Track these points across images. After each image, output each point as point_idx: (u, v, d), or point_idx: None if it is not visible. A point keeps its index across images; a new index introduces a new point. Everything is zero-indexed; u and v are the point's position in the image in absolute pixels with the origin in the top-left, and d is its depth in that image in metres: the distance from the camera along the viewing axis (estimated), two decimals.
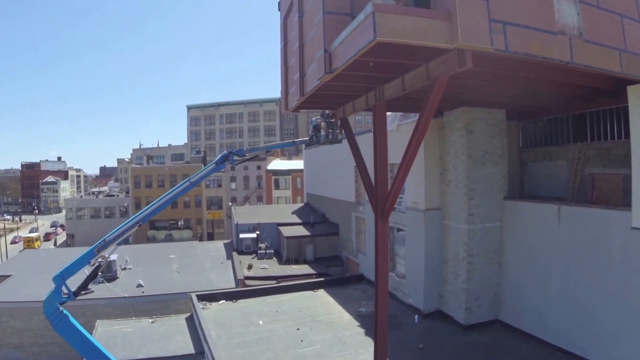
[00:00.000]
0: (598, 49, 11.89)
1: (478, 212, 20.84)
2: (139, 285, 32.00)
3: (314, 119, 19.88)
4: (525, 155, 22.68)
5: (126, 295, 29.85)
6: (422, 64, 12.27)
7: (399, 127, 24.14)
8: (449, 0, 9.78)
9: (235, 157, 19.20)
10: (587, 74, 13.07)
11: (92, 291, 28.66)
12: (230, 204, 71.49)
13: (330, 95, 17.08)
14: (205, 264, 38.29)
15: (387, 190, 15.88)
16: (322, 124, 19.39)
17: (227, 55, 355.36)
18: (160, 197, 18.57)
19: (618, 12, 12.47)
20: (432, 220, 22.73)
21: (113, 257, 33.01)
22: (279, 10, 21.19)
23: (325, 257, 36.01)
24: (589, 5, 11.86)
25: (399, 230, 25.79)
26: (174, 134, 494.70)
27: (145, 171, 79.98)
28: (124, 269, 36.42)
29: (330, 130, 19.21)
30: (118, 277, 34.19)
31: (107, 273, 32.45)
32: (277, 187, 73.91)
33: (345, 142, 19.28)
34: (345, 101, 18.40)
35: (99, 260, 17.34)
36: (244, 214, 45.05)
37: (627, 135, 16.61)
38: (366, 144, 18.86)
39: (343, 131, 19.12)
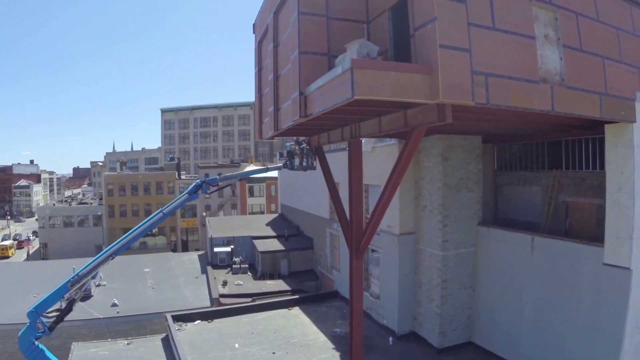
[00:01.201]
0: (579, 95, 11.59)
1: (452, 238, 20.45)
2: (114, 305, 30.92)
3: (287, 144, 19.28)
4: (500, 179, 22.30)
5: (101, 317, 28.80)
6: (400, 110, 11.72)
7: (374, 149, 23.63)
8: (430, 53, 9.24)
9: (209, 187, 18.58)
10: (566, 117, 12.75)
11: None
12: (204, 213, 70.04)
13: (305, 128, 16.45)
14: (179, 278, 37.24)
15: (362, 228, 15.32)
16: (297, 150, 18.80)
17: (202, 58, 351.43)
18: (132, 230, 18.32)
19: (600, 54, 12.24)
20: (406, 245, 22.24)
21: None
22: (253, 32, 20.48)
23: (299, 272, 35.32)
24: (572, 49, 11.57)
25: (373, 251, 25.27)
26: (148, 134, 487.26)
27: (118, 179, 77.77)
28: (98, 285, 35.13)
29: (304, 157, 18.65)
30: (92, 296, 32.93)
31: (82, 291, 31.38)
32: (252, 194, 72.31)
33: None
34: (321, 132, 17.80)
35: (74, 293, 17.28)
36: (218, 227, 43.93)
37: (602, 166, 16.51)
38: (341, 163, 18.34)
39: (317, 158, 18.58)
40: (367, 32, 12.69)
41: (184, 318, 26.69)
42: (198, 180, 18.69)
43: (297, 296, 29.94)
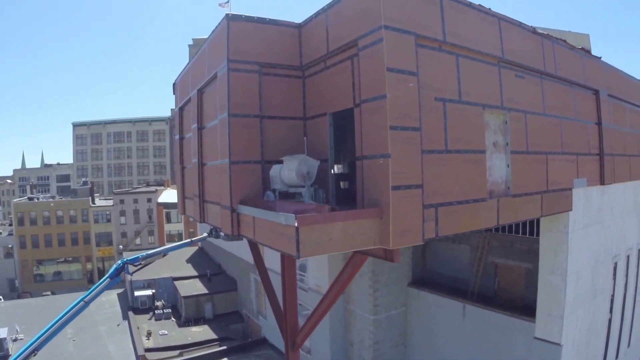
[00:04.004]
0: (522, 201, 11.10)
1: (383, 302, 19.58)
2: None
3: None
4: None
5: None
6: None
7: None
8: (381, 194, 8.05)
9: (131, 267, 16.60)
10: None
11: None
12: (121, 246, 64.99)
13: None
14: (100, 326, 33.89)
15: (297, 327, 13.96)
16: None
17: (117, 67, 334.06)
18: (54, 321, 16.28)
19: (544, 151, 11.90)
20: (336, 305, 21.02)
21: (3, 332, 28.33)
22: (173, 93, 18.62)
23: (225, 314, 33.17)
24: (519, 153, 11.01)
25: (300, 304, 23.91)
26: (60, 144, 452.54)
27: (29, 207, 70.60)
28: (15, 340, 31.11)
29: None
30: (10, 355, 29.05)
31: None
32: (169, 220, 67.57)
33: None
34: None
35: None
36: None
37: (532, 233, 16.50)
38: None
39: None
40: (305, 131, 11.36)
41: None
42: (119, 262, 16.67)
43: (224, 347, 27.98)
